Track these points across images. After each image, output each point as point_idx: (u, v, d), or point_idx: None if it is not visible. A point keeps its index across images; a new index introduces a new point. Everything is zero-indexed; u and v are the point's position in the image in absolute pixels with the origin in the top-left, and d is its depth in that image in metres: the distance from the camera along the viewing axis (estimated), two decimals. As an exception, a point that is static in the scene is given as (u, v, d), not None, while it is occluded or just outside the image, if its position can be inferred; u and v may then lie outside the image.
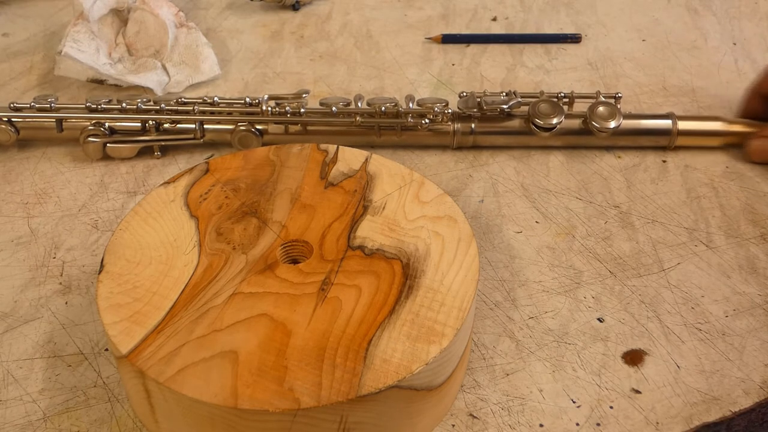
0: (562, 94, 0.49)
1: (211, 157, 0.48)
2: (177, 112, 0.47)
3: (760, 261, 0.40)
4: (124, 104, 0.47)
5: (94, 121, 0.47)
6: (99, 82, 0.54)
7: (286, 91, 0.55)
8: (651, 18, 0.65)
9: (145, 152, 0.48)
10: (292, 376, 0.28)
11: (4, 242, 0.41)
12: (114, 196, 0.45)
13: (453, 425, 0.32)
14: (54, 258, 0.40)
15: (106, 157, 0.47)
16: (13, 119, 0.47)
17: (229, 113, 0.47)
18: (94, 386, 0.33)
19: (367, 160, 0.39)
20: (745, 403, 0.33)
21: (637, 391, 0.33)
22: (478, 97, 0.47)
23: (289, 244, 0.34)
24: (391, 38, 0.63)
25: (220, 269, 0.32)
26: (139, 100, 0.47)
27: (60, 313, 0.37)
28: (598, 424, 0.32)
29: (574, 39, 0.61)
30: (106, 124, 0.47)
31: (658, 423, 0.32)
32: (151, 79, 0.53)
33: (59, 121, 0.47)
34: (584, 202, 0.44)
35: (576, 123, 0.47)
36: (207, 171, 0.38)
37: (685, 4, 0.68)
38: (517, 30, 0.64)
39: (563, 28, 0.64)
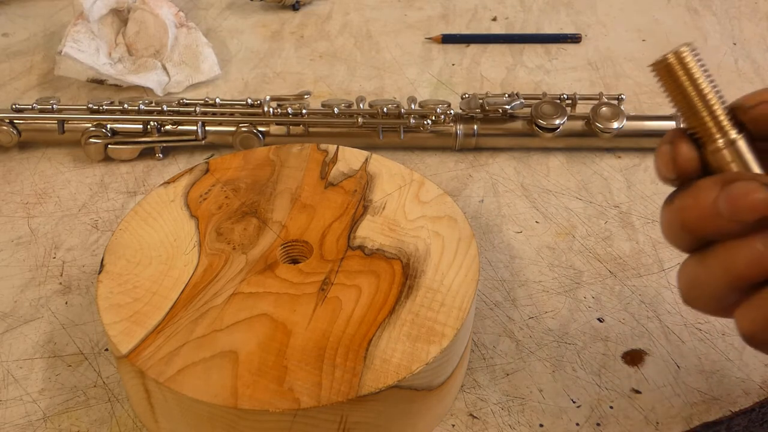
0: (565, 96, 0.49)
1: (211, 157, 0.48)
2: (178, 114, 0.47)
3: (761, 261, 0.40)
4: (125, 105, 0.47)
5: (95, 123, 0.47)
6: (99, 82, 0.54)
7: (286, 92, 0.55)
8: (651, 18, 0.65)
9: (146, 153, 0.48)
10: (292, 376, 0.28)
11: (4, 242, 0.41)
12: (114, 196, 0.45)
13: (453, 425, 0.32)
14: (54, 258, 0.40)
15: (107, 158, 0.47)
16: (14, 121, 0.47)
17: (231, 114, 0.47)
18: (94, 386, 0.33)
19: (367, 160, 0.39)
20: (745, 403, 0.33)
21: (637, 391, 0.33)
22: (480, 98, 0.47)
23: (289, 244, 0.34)
24: (391, 38, 0.63)
25: (220, 269, 0.32)
26: (140, 102, 0.47)
27: (60, 313, 0.37)
28: (598, 424, 0.32)
29: (574, 39, 0.61)
30: (108, 126, 0.47)
31: (658, 423, 0.32)
32: (151, 79, 0.53)
33: (61, 122, 0.47)
34: (584, 202, 0.44)
35: (579, 124, 0.47)
36: (207, 171, 0.38)
37: (685, 4, 0.68)
38: (517, 30, 0.64)
39: (563, 28, 0.64)
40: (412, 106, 0.47)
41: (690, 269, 0.26)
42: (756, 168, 0.25)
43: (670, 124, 0.47)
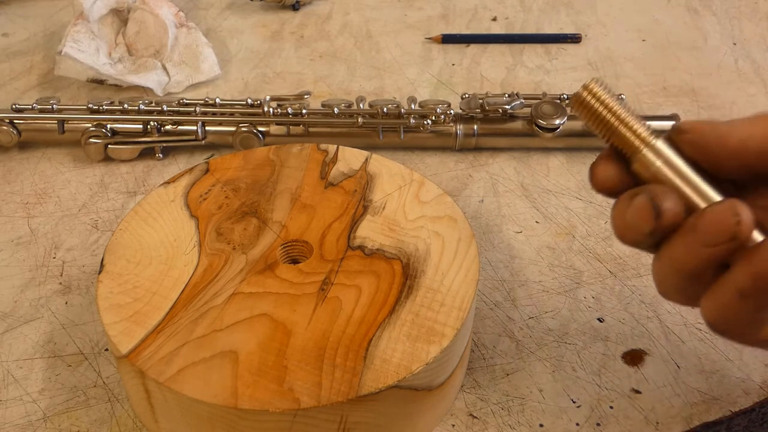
0: (565, 96, 0.48)
1: (211, 157, 0.48)
2: (178, 114, 0.47)
3: (761, 261, 0.40)
4: (125, 105, 0.47)
5: (95, 123, 0.47)
6: (99, 82, 0.54)
7: (286, 92, 0.55)
8: (651, 18, 0.65)
9: (146, 153, 0.48)
10: (292, 376, 0.28)
11: (4, 242, 0.41)
12: (114, 196, 0.45)
13: (453, 425, 0.32)
14: (54, 258, 0.40)
15: (107, 158, 0.47)
16: (14, 121, 0.47)
17: (231, 114, 0.47)
18: (94, 386, 0.33)
19: (367, 160, 0.39)
20: (745, 403, 0.33)
21: (637, 391, 0.33)
22: (480, 98, 0.47)
23: (289, 244, 0.34)
24: (391, 38, 0.63)
25: (220, 269, 0.32)
26: (140, 102, 0.47)
27: (60, 313, 0.37)
28: (598, 424, 0.32)
29: (574, 39, 0.61)
30: (108, 126, 0.47)
31: (658, 423, 0.32)
32: (151, 79, 0.53)
33: (61, 122, 0.47)
34: (584, 202, 0.44)
35: (579, 124, 0.47)
36: (207, 171, 0.38)
37: (685, 4, 0.68)
38: (517, 30, 0.64)
39: (563, 28, 0.64)
40: (412, 106, 0.47)
41: (654, 265, 0.27)
42: (681, 165, 0.26)
43: (670, 124, 0.47)
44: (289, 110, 0.47)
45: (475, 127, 0.47)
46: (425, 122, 0.46)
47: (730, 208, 0.24)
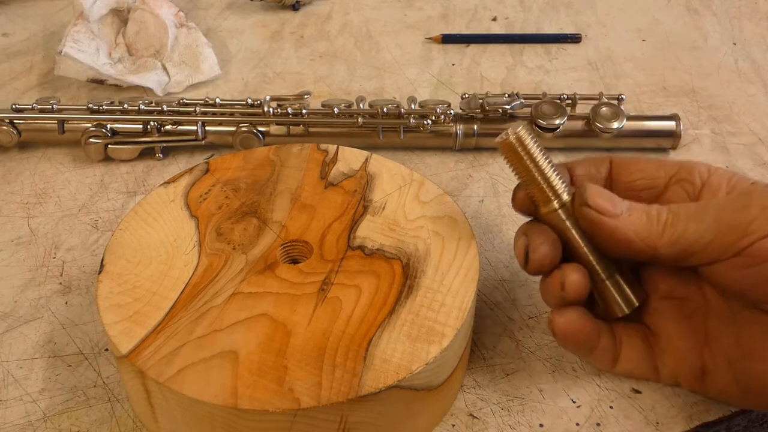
0: (565, 96, 0.48)
1: (211, 157, 0.48)
2: (178, 114, 0.47)
3: (761, 261, 0.40)
4: (125, 105, 0.47)
5: (95, 123, 0.47)
6: (99, 82, 0.54)
7: (286, 92, 0.55)
8: (651, 18, 0.65)
9: (146, 153, 0.48)
10: (292, 376, 0.28)
11: (4, 242, 0.41)
12: (114, 196, 0.45)
13: (453, 425, 0.32)
14: (54, 258, 0.40)
15: (107, 158, 0.47)
16: (14, 120, 0.47)
17: (231, 114, 0.47)
18: (94, 386, 0.33)
19: (367, 160, 0.39)
20: (745, 403, 0.33)
21: (637, 391, 0.33)
22: (480, 98, 0.47)
23: (289, 244, 0.34)
24: (391, 38, 0.63)
25: (220, 269, 0.32)
26: (140, 102, 0.47)
27: (60, 313, 0.37)
28: (598, 424, 0.32)
29: (574, 39, 0.61)
30: (108, 126, 0.47)
31: (658, 423, 0.32)
32: (151, 79, 0.53)
33: (61, 122, 0.47)
34: (584, 202, 0.44)
35: (579, 124, 0.47)
36: (207, 171, 0.38)
37: (685, 4, 0.68)
38: (517, 30, 0.64)
39: (563, 28, 0.64)
40: (412, 106, 0.47)
41: None
42: (573, 228, 0.30)
43: (671, 124, 0.47)
44: (289, 110, 0.47)
45: (475, 127, 0.47)
46: (425, 122, 0.46)
47: (562, 275, 0.29)
